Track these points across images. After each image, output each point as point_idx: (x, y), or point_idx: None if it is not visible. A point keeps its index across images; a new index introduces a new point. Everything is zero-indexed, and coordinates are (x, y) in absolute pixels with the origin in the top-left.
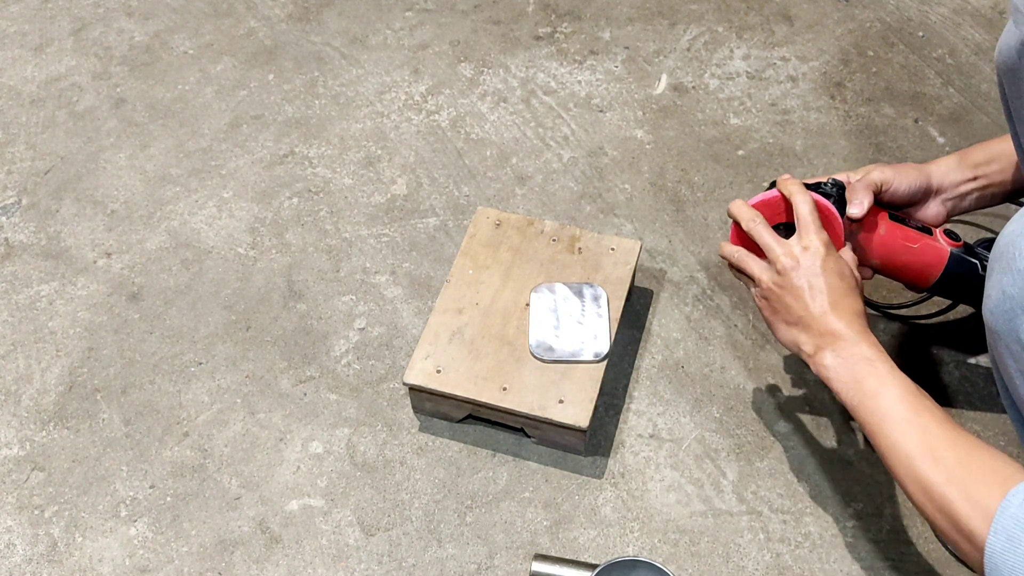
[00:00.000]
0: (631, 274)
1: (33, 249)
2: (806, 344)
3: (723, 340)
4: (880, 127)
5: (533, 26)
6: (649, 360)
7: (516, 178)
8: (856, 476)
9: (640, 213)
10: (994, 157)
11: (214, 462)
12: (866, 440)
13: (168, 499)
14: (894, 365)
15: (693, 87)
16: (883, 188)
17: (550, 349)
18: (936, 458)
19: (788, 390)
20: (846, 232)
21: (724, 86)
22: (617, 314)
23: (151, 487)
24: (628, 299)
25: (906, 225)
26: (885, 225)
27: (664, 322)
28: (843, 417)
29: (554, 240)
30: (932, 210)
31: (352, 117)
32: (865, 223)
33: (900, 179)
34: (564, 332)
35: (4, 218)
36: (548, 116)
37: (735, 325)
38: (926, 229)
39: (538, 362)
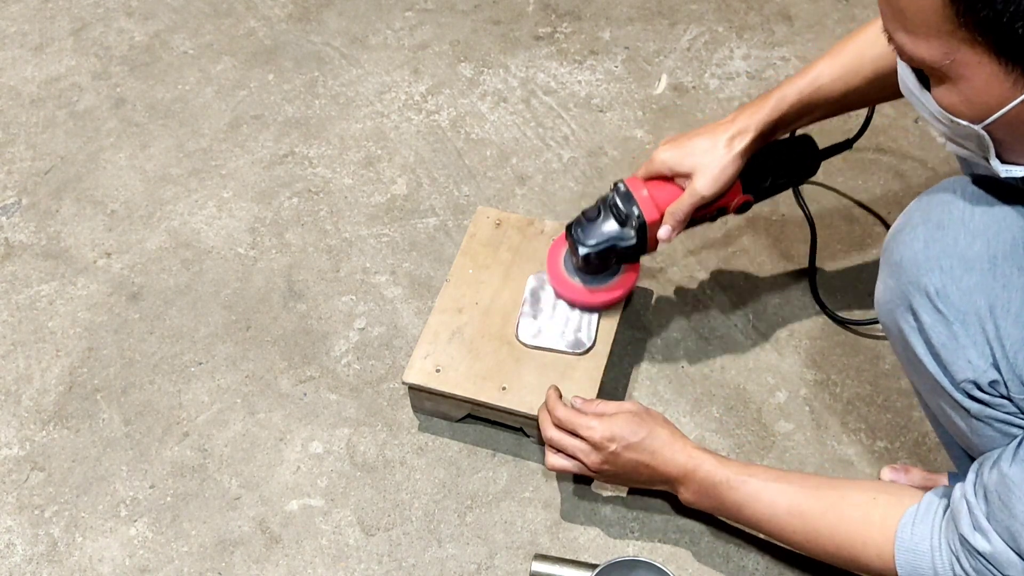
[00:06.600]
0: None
1: (33, 249)
2: (667, 489)
3: (723, 340)
4: (880, 127)
5: (533, 26)
6: (649, 360)
7: (516, 178)
8: (855, 476)
9: None
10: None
11: (214, 462)
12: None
13: (168, 499)
14: (733, 469)
15: (693, 87)
16: (672, 172)
17: (535, 335)
18: (819, 533)
19: (788, 390)
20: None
21: (724, 86)
22: (616, 314)
23: (151, 487)
24: (628, 299)
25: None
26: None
27: (664, 322)
28: (843, 417)
29: (554, 240)
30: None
31: (352, 117)
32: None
33: (684, 162)
34: (552, 320)
35: (4, 218)
36: (548, 116)
37: (735, 325)
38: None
39: (537, 362)
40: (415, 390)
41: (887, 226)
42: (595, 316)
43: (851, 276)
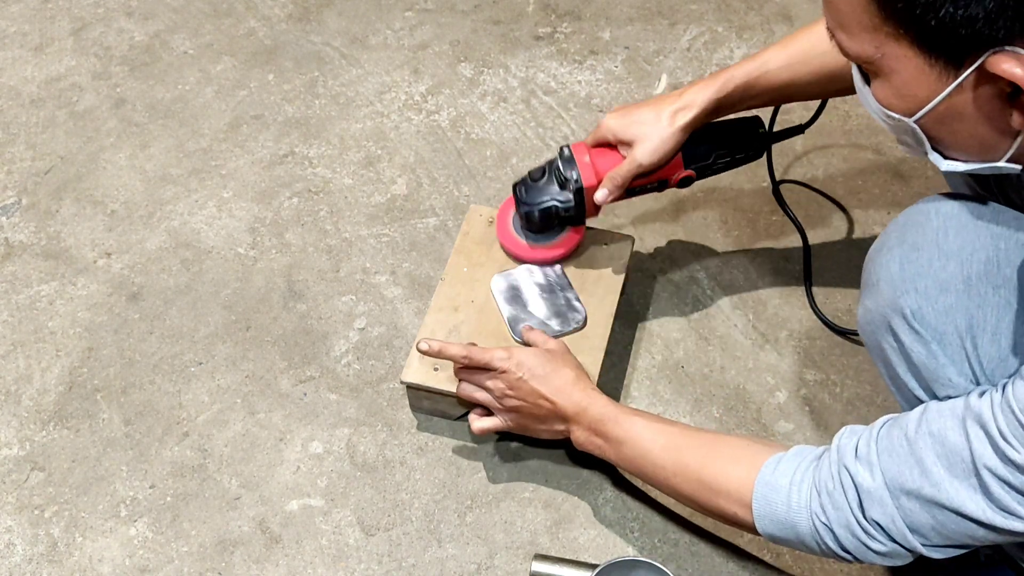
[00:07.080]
0: (624, 268)
1: (33, 249)
2: (563, 431)
3: (723, 340)
4: (880, 127)
5: (533, 26)
6: (649, 360)
7: (516, 178)
8: None
9: (640, 213)
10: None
11: (214, 462)
12: None
13: (168, 499)
14: (623, 409)
15: None
16: (616, 139)
17: (528, 331)
18: (687, 465)
19: (788, 390)
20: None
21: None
22: (612, 308)
23: (151, 487)
24: (623, 293)
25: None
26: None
27: (664, 322)
28: (843, 417)
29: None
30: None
31: (352, 117)
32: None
33: (628, 130)
34: (538, 310)
35: (4, 218)
36: (548, 116)
37: (735, 325)
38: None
39: None
40: (413, 389)
41: (884, 227)
42: (573, 293)
43: (851, 277)
